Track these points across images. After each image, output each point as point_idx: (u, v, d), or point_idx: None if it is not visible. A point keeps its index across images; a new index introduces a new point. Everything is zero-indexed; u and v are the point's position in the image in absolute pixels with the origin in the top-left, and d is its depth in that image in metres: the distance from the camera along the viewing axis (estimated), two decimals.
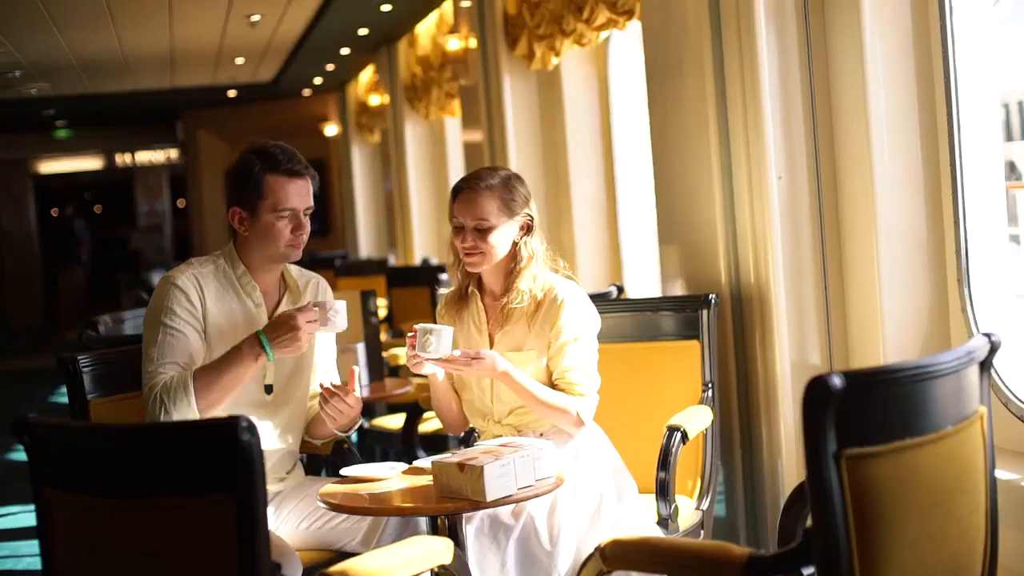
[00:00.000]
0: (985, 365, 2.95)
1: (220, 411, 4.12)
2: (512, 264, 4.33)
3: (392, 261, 12.92)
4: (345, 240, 18.71)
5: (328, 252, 15.82)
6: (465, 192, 4.30)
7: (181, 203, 25.19)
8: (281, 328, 4.06)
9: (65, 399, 4.55)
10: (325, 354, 4.50)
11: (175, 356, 4.11)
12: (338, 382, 4.36)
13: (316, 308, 4.10)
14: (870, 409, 2.63)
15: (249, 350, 4.06)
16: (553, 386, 4.29)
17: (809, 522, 2.65)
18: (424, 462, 4.06)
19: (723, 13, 5.32)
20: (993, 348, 2.95)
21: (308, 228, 4.23)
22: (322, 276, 4.55)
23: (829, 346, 5.24)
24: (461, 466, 3.65)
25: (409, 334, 4.18)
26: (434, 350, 4.10)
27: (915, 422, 2.70)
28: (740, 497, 5.45)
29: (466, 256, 4.30)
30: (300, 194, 4.21)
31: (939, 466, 2.76)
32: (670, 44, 5.73)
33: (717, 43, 5.36)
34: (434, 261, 12.22)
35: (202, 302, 4.19)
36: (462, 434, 4.69)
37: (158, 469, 2.76)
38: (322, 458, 4.72)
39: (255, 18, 11.82)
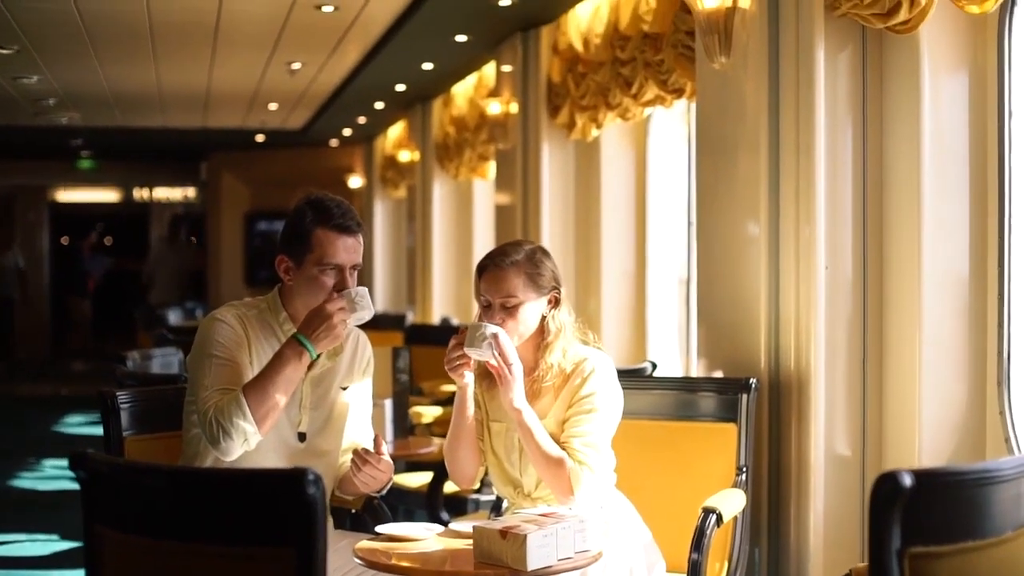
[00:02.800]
0: None
1: (257, 458, 4.11)
2: (540, 338, 4.30)
3: (410, 318, 12.90)
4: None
5: None
6: (491, 270, 4.26)
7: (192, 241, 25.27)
8: (315, 322, 4.07)
9: (72, 429, 4.54)
10: (360, 409, 4.49)
11: (226, 383, 4.10)
12: (371, 436, 4.36)
13: (342, 296, 4.10)
14: (936, 509, 2.62)
15: (292, 352, 4.07)
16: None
17: None
18: (461, 525, 4.04)
19: (782, 99, 5.36)
20: None
21: (353, 285, 4.23)
22: None
23: (864, 440, 5.24)
24: (503, 533, 3.64)
25: (455, 335, 4.14)
26: (482, 348, 4.06)
27: (978, 525, 2.70)
28: None
29: None
30: (348, 250, 4.20)
31: (999, 570, 2.75)
32: (726, 124, 5.76)
33: (774, 127, 5.40)
34: (455, 321, 12.21)
35: (247, 339, 4.20)
36: (490, 498, 4.63)
37: (217, 516, 2.76)
38: (343, 512, 4.70)
39: (296, 66, 11.87)
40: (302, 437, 4.28)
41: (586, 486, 4.15)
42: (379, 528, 4.06)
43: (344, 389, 4.39)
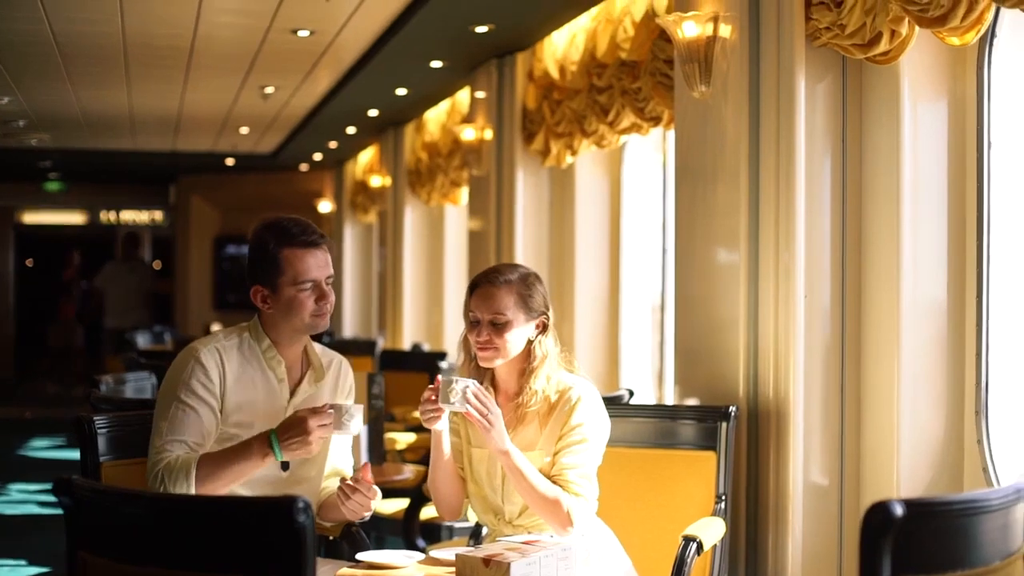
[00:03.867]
0: None
1: (238, 487, 4.08)
2: (526, 363, 4.30)
3: (381, 344, 12.87)
4: (330, 317, 18.64)
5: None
6: (483, 286, 4.26)
7: (157, 264, 25.17)
8: (292, 430, 3.98)
9: (38, 453, 4.50)
10: (342, 437, 4.46)
11: (184, 434, 4.06)
12: (351, 462, 4.33)
13: (331, 411, 4.02)
14: (926, 538, 2.64)
15: (259, 448, 4.00)
16: (549, 479, 4.23)
17: None
18: (441, 553, 4.03)
19: (763, 127, 5.38)
20: None
21: (332, 297, 4.20)
22: None
23: (842, 469, 5.25)
24: (487, 561, 3.62)
25: (430, 386, 4.13)
26: (456, 403, 4.04)
27: (966, 555, 2.71)
28: None
29: (480, 350, 4.24)
30: (319, 264, 4.18)
31: None
32: (705, 152, 5.78)
33: (754, 156, 5.42)
34: (426, 347, 12.20)
35: (222, 378, 4.15)
36: (469, 525, 4.62)
37: (205, 544, 2.73)
38: (320, 538, 4.67)
39: (269, 90, 11.87)
40: (285, 466, 4.22)
41: (580, 515, 4.15)
42: (360, 556, 4.04)
43: None
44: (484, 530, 4.50)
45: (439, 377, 4.08)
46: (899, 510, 2.54)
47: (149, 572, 2.79)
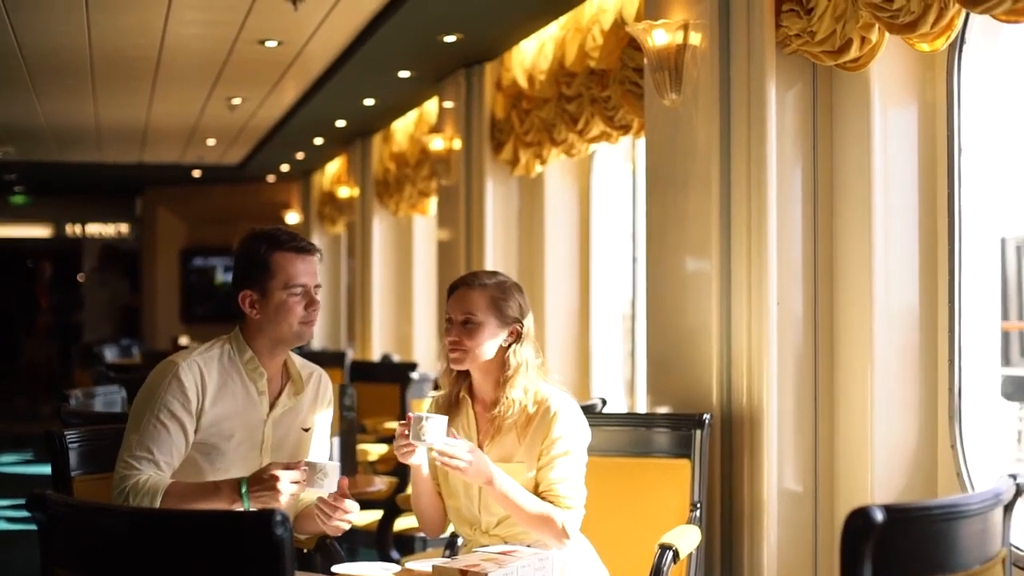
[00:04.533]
0: (1009, 507, 2.96)
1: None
2: (501, 372, 4.29)
3: (350, 355, 12.84)
4: None
5: None
6: (460, 289, 4.29)
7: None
8: (263, 484, 3.90)
9: (4, 468, 4.44)
10: (320, 448, 4.44)
11: (154, 451, 4.00)
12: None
13: (306, 468, 3.92)
14: (906, 543, 2.62)
15: (228, 494, 3.92)
16: (539, 496, 4.23)
17: None
18: (417, 564, 4.01)
19: (734, 135, 5.39)
20: (1019, 491, 2.97)
21: (319, 305, 4.19)
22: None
23: (816, 475, 5.26)
24: (464, 572, 3.60)
25: (401, 422, 4.12)
26: (428, 438, 4.03)
27: (946, 560, 2.70)
28: None
29: (449, 351, 4.24)
30: (308, 271, 4.16)
31: None
32: (676, 160, 5.78)
33: (725, 163, 5.42)
34: (396, 358, 12.17)
35: (201, 393, 4.08)
36: (444, 536, 4.61)
37: (182, 558, 2.70)
38: (295, 551, 4.63)
39: (236, 101, 11.84)
40: None
41: (575, 526, 4.18)
42: (335, 568, 4.01)
43: (306, 431, 4.33)
44: (460, 540, 4.49)
45: (410, 414, 4.06)
46: (879, 515, 2.53)
47: None
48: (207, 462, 4.11)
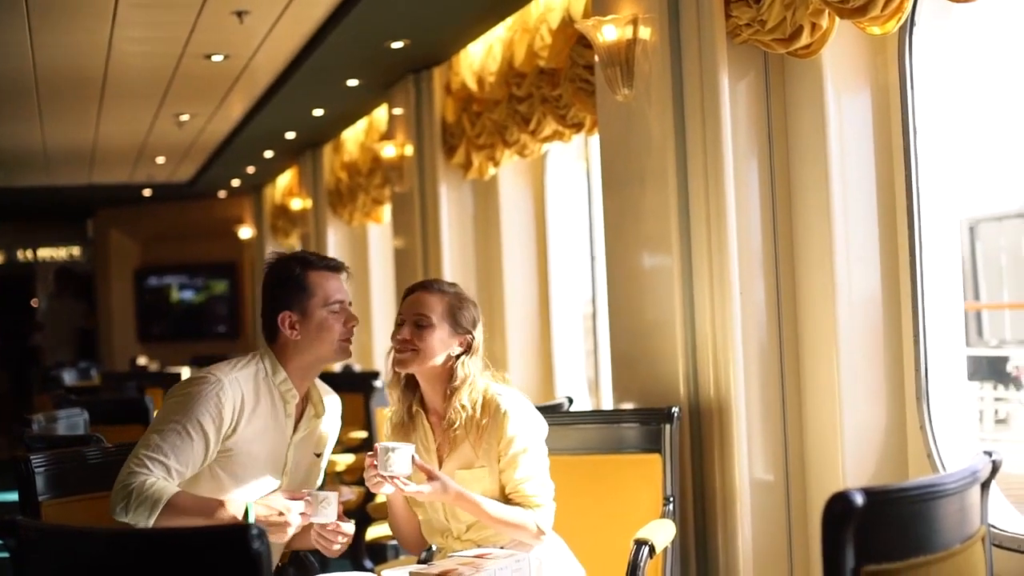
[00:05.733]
0: (986, 485, 2.96)
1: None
2: (448, 384, 4.25)
3: None
4: (257, 343, 18.48)
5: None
6: (417, 292, 4.27)
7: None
8: (271, 519, 3.93)
9: None
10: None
11: (171, 457, 3.94)
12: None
13: (310, 499, 3.97)
14: (887, 526, 2.61)
15: (232, 517, 3.90)
16: (508, 499, 4.22)
17: None
18: (392, 572, 3.98)
19: (688, 127, 5.38)
20: (995, 468, 2.97)
21: (357, 321, 4.19)
22: None
23: (786, 463, 5.25)
24: None
25: (369, 453, 4.10)
26: (396, 468, 4.02)
27: (927, 540, 2.69)
28: None
29: (397, 351, 4.20)
30: (342, 288, 4.17)
31: None
32: (631, 156, 5.77)
33: (681, 156, 5.41)
34: (357, 367, 12.12)
35: (235, 417, 4.03)
36: (423, 554, 4.60)
37: None
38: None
39: (184, 117, 11.77)
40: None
41: (548, 522, 4.20)
42: None
43: (318, 456, 4.33)
44: (434, 546, 4.47)
45: (376, 446, 4.04)
46: (860, 499, 2.51)
47: None
48: (230, 478, 4.08)
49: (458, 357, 4.23)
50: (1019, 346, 13.56)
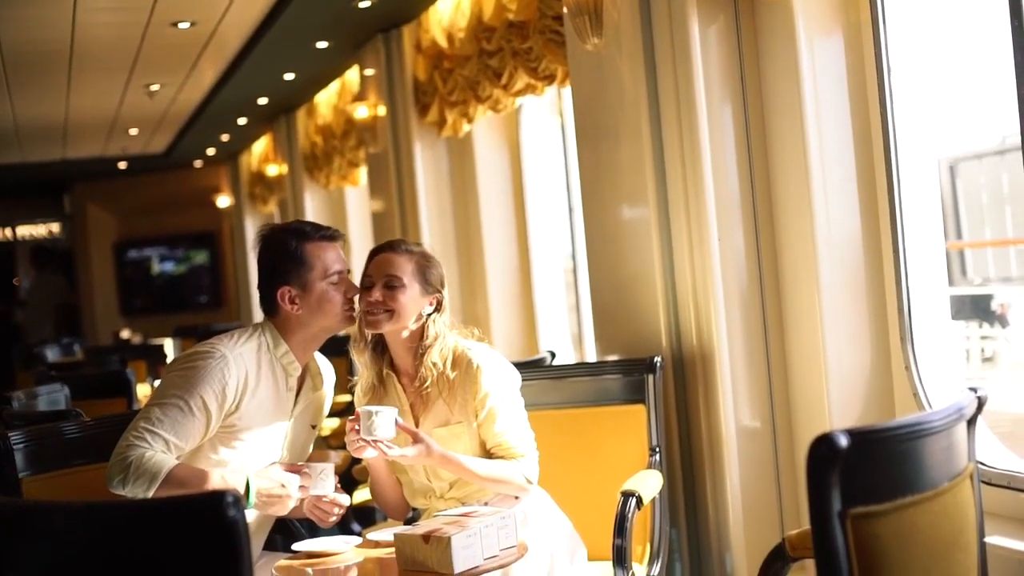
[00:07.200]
0: (972, 421, 2.93)
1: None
2: (419, 343, 4.23)
3: None
4: (240, 312, 18.48)
5: (224, 324, 15.55)
6: (384, 253, 4.24)
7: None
8: (271, 493, 3.94)
9: None
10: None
11: (169, 431, 3.91)
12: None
13: (307, 471, 3.98)
14: (872, 467, 2.58)
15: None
16: (490, 453, 4.20)
17: None
18: (379, 534, 3.96)
19: (660, 74, 5.33)
20: (980, 404, 2.94)
21: (358, 289, 4.15)
22: None
23: (772, 409, 5.22)
24: (426, 537, 3.54)
25: (350, 417, 4.06)
26: (380, 432, 3.98)
27: (914, 479, 2.67)
28: (686, 560, 5.40)
29: (368, 314, 4.17)
30: (340, 257, 4.14)
31: (937, 524, 2.73)
32: (604, 106, 5.71)
33: (654, 104, 5.36)
34: (340, 332, 12.08)
35: (239, 393, 4.00)
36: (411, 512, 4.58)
37: (138, 549, 2.62)
38: None
39: (154, 87, 11.66)
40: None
41: (534, 470, 4.22)
42: (296, 546, 3.96)
43: (313, 427, 4.33)
44: (418, 509, 4.45)
45: (359, 410, 4.01)
46: (843, 440, 2.48)
47: None
48: (231, 453, 4.06)
49: (429, 316, 4.20)
50: (1003, 283, 13.56)
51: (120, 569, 2.64)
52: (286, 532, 4.46)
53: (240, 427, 4.03)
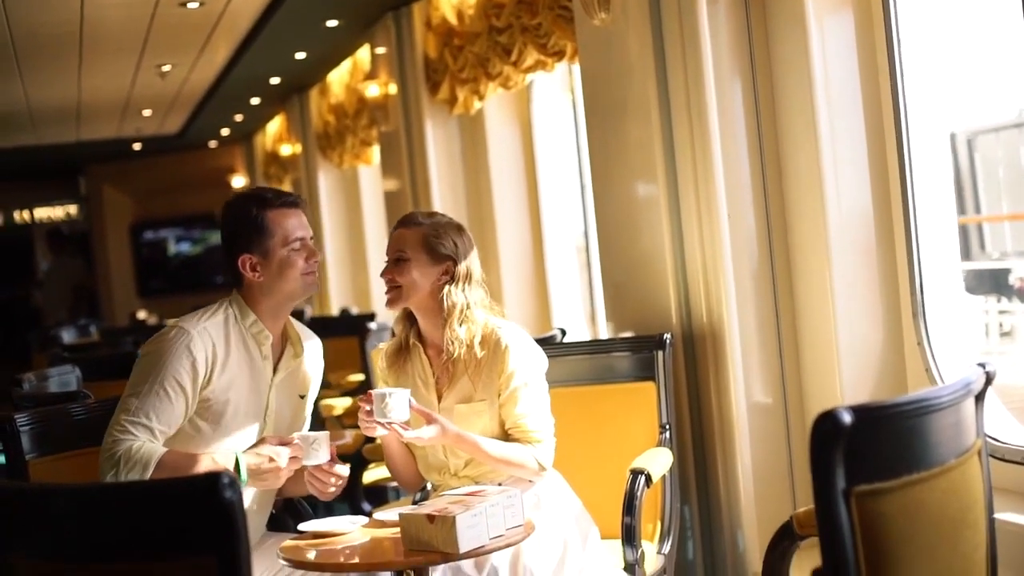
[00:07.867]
0: (980, 397, 2.89)
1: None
2: (441, 314, 4.22)
3: (308, 311, 12.72)
4: None
5: None
6: (397, 229, 4.28)
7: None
8: (263, 466, 3.90)
9: None
10: (308, 414, 4.39)
11: (153, 419, 3.91)
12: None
13: (299, 442, 3.93)
14: (878, 444, 2.55)
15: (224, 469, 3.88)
16: (507, 435, 4.18)
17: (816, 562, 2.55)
18: (385, 514, 3.94)
19: (668, 51, 5.27)
20: (988, 379, 2.90)
21: (319, 254, 4.15)
22: None
23: (783, 385, 5.18)
24: (431, 517, 3.52)
25: (360, 397, 4.04)
26: (393, 415, 3.96)
27: (921, 456, 2.62)
28: (697, 538, 5.36)
29: (386, 291, 4.23)
30: (302, 224, 4.13)
31: (944, 501, 2.69)
32: (612, 85, 5.66)
33: (662, 80, 5.31)
34: (354, 310, 12.07)
35: (209, 366, 3.99)
36: (417, 494, 4.56)
37: (134, 531, 2.60)
38: None
39: (166, 68, 11.64)
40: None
41: (549, 457, 4.19)
42: (302, 526, 3.94)
43: (302, 398, 4.30)
44: (431, 484, 4.43)
45: (371, 392, 4.00)
46: (847, 417, 2.44)
47: (83, 568, 2.67)
48: (211, 427, 4.05)
49: (443, 286, 4.18)
50: (1021, 258, 13.47)
51: (119, 550, 2.62)
52: (293, 512, 4.45)
53: (215, 400, 4.02)
